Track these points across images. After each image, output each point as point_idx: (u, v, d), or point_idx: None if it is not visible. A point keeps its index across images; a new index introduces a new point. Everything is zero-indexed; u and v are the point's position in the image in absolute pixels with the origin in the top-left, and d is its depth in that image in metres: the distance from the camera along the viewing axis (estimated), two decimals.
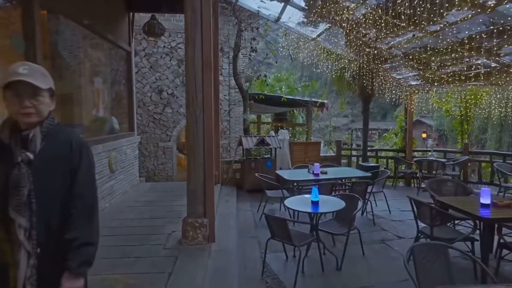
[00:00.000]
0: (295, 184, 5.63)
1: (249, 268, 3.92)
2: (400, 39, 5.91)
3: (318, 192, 3.99)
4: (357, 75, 7.86)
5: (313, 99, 11.47)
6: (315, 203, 3.96)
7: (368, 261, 4.14)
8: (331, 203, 4.04)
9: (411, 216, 6.10)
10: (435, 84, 7.32)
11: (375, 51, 6.67)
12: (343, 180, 6.37)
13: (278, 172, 6.09)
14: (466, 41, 4.95)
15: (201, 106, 3.80)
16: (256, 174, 5.95)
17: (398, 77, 8.15)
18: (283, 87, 14.88)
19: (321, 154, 8.86)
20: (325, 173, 5.96)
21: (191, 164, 3.87)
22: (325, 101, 11.39)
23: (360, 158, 8.97)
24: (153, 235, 4.20)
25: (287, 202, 4.09)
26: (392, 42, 6.14)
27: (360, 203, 4.30)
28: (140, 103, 9.31)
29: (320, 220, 4.07)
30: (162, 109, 9.49)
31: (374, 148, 9.68)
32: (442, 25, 4.88)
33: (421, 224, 3.99)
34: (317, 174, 5.84)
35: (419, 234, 4.00)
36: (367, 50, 6.67)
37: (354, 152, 9.77)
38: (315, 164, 5.96)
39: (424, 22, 4.75)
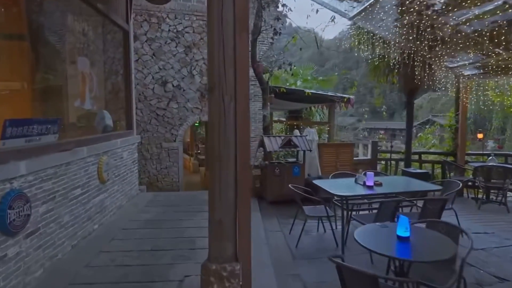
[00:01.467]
0: (344, 201, 4.24)
1: None
2: (480, 10, 4.51)
3: (408, 223, 2.60)
4: (401, 62, 6.46)
5: (338, 94, 10.08)
6: (404, 240, 2.58)
7: None
8: (429, 241, 2.67)
9: (493, 242, 4.72)
10: (503, 72, 5.92)
11: (435, 30, 5.28)
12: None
13: (318, 183, 4.69)
14: None
15: (232, 89, 2.42)
16: (290, 185, 4.57)
17: (451, 65, 6.75)
18: (298, 81, 13.46)
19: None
20: (380, 184, 4.57)
21: (215, 181, 2.50)
22: (351, 96, 10.00)
23: (400, 163, 7.58)
24: (156, 282, 2.84)
25: (359, 235, 2.71)
26: (466, 16, 4.74)
27: (461, 236, 2.91)
28: (141, 96, 7.95)
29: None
30: (166, 104, 8.12)
31: (417, 151, 8.30)
32: None
33: None
34: (370, 187, 4.46)
35: None
36: (426, 29, 5.26)
37: (387, 155, 8.37)
38: (367, 172, 4.57)
39: None
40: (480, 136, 8.45)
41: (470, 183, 6.92)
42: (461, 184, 4.70)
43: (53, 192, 3.18)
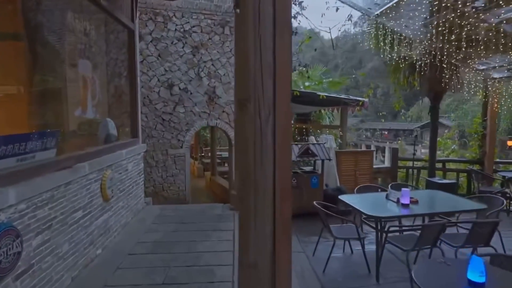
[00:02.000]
0: (379, 221, 3.77)
1: None
2: None
3: (483, 265, 2.13)
4: (428, 64, 5.98)
5: (352, 97, 9.60)
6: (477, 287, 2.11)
7: None
8: None
9: None
10: None
11: (472, 29, 4.80)
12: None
13: (345, 199, 4.22)
14: None
15: (271, 102, 1.94)
16: (315, 203, 4.10)
17: (481, 67, 6.27)
18: (307, 83, 12.95)
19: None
20: (416, 202, 4.10)
21: (250, 214, 2.02)
22: (366, 99, 9.53)
23: (422, 171, 7.10)
24: None
25: (418, 275, 2.24)
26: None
27: None
28: (146, 100, 7.48)
29: None
30: (172, 108, 7.65)
31: (441, 159, 7.81)
32: None
33: None
34: (406, 205, 3.99)
35: None
36: (463, 28, 4.79)
37: (407, 163, 7.89)
38: (402, 189, 4.09)
39: None
40: (510, 143, 7.94)
41: (500, 194, 6.44)
42: (505, 202, 4.22)
43: (50, 220, 2.71)
